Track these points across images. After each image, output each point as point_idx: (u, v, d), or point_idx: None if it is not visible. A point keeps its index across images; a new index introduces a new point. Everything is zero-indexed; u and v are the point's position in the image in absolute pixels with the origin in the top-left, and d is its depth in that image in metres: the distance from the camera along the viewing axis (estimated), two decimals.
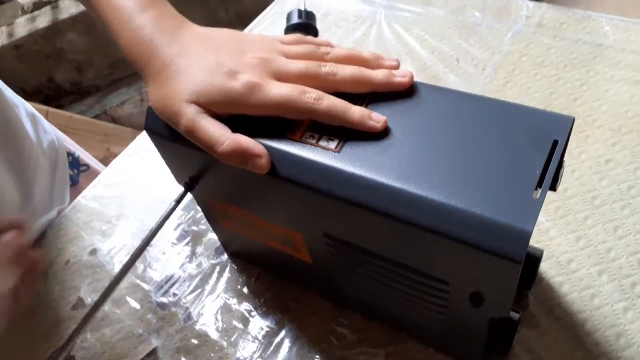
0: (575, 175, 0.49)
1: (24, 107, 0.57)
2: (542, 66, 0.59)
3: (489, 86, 0.58)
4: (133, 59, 0.35)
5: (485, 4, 0.67)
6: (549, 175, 0.28)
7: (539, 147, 0.29)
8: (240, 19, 1.81)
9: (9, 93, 0.55)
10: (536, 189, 0.27)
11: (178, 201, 0.40)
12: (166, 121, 0.34)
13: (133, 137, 0.67)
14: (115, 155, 0.63)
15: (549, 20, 0.64)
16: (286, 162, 0.32)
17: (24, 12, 1.58)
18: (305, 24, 0.66)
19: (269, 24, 0.73)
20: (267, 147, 0.32)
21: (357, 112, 0.32)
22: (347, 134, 0.32)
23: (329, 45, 0.37)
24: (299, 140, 0.33)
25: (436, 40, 0.64)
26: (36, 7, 1.60)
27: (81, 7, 1.56)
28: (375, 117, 0.32)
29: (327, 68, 0.34)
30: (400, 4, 0.70)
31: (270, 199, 0.36)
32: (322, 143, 0.32)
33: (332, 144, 0.32)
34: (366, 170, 0.30)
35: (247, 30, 0.73)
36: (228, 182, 0.38)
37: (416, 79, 0.34)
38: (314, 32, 0.67)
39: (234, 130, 0.32)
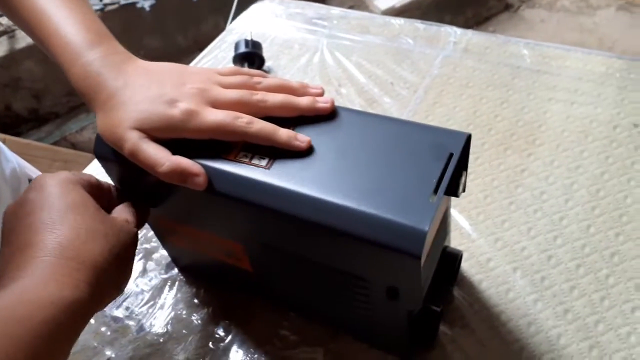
0: (495, 184, 0.55)
1: None
2: (467, 87, 0.65)
3: (419, 106, 0.64)
4: (82, 91, 0.39)
5: (417, 32, 0.74)
6: (444, 183, 0.33)
7: (438, 159, 0.34)
8: (197, 44, 1.86)
9: None
10: (433, 195, 0.32)
11: None
12: (112, 146, 0.37)
13: (92, 162, 0.69)
14: None
15: (474, 45, 0.70)
16: (222, 179, 0.36)
17: None
18: (252, 53, 0.70)
19: (218, 53, 0.77)
20: (204, 166, 0.36)
21: (284, 133, 0.36)
22: (277, 153, 0.36)
23: (262, 75, 0.42)
24: (234, 159, 0.37)
25: (373, 65, 0.70)
26: None
27: None
28: (300, 137, 0.36)
29: (259, 96, 0.38)
30: (341, 33, 0.76)
31: (211, 214, 0.40)
32: (254, 161, 0.36)
33: (263, 162, 0.36)
34: (292, 184, 0.34)
35: (199, 57, 0.77)
36: (172, 201, 0.41)
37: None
38: (260, 61, 0.71)
39: (175, 152, 0.36)
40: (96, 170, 0.64)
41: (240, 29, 0.81)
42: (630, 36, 1.97)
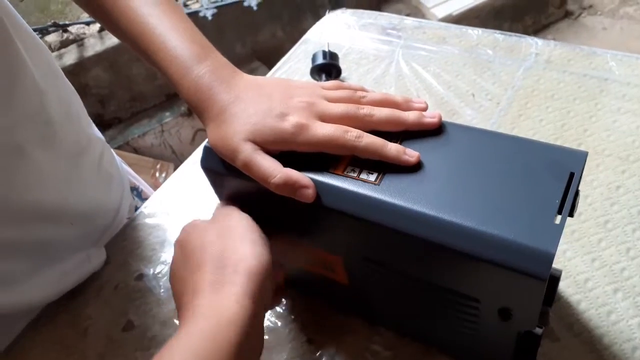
0: (588, 201, 0.53)
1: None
2: (552, 99, 0.63)
3: (504, 119, 0.62)
4: (194, 104, 0.40)
5: (496, 42, 0.72)
6: (568, 203, 0.32)
7: (558, 179, 0.33)
8: (256, 53, 1.89)
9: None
10: (556, 216, 0.31)
11: None
12: (224, 158, 0.38)
13: (154, 167, 0.71)
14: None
15: (557, 57, 0.69)
16: (330, 193, 0.36)
17: (51, 49, 1.66)
18: (329, 64, 0.71)
19: (293, 64, 0.78)
20: (313, 180, 0.36)
21: (393, 148, 0.36)
22: (385, 168, 0.36)
23: (363, 90, 0.42)
24: (342, 174, 0.37)
25: (452, 76, 0.69)
26: (63, 45, 1.68)
27: (105, 45, 1.64)
28: (409, 152, 0.36)
29: (365, 110, 0.38)
30: (417, 43, 0.75)
31: (315, 226, 0.40)
32: (363, 176, 0.36)
33: (372, 177, 0.36)
34: (404, 200, 0.34)
35: (273, 69, 0.78)
36: (276, 213, 0.42)
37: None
38: (337, 72, 0.72)
39: (285, 165, 0.37)
40: (176, 185, 0.66)
41: (313, 39, 0.82)
42: None
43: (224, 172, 0.40)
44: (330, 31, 0.82)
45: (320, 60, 0.71)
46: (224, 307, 0.32)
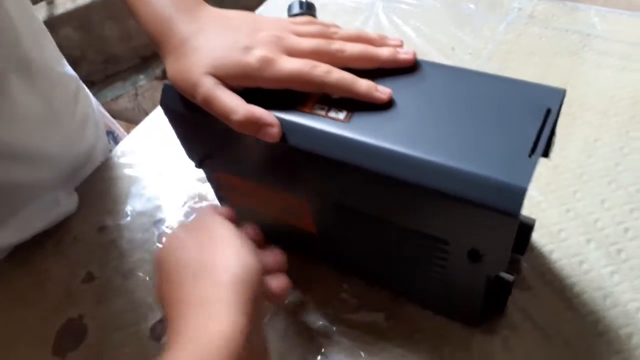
0: (564, 153, 0.52)
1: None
2: (533, 54, 0.62)
3: None
4: (152, 35, 0.37)
5: None
6: (543, 140, 0.30)
7: (534, 116, 0.32)
8: None
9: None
10: (531, 153, 0.30)
11: None
12: (183, 93, 0.36)
13: (128, 131, 0.69)
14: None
15: (540, 12, 0.67)
16: (297, 131, 0.34)
17: None
18: (306, 15, 0.68)
19: (270, 14, 0.75)
20: (278, 118, 0.34)
21: (364, 84, 0.34)
22: (355, 106, 0.34)
23: (336, 26, 0.40)
24: (309, 112, 0.35)
25: (432, 30, 0.67)
26: (32, 2, 1.61)
27: (77, 3, 1.57)
28: (381, 89, 0.34)
29: (337, 45, 0.36)
30: None
31: (280, 169, 0.38)
32: (331, 114, 0.34)
33: (341, 115, 0.34)
34: (373, 138, 0.32)
35: None
36: (240, 154, 0.40)
37: None
38: None
39: (248, 102, 0.35)
40: (142, 136, 0.64)
41: None
42: None
43: (183, 110, 0.38)
44: None
45: (296, 10, 0.68)
46: (212, 326, 0.29)
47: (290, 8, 0.69)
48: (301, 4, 0.69)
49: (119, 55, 1.70)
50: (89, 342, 0.46)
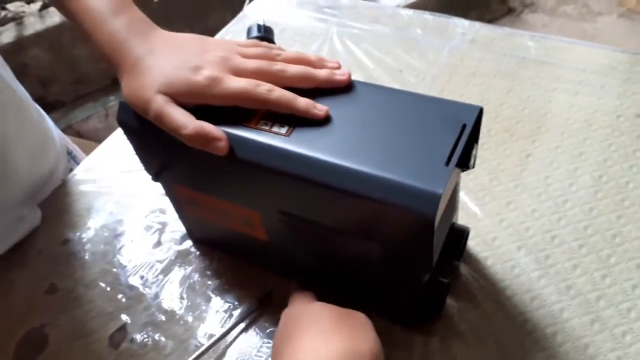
0: (501, 167, 0.56)
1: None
2: (474, 76, 0.67)
3: (427, 94, 0.65)
4: (109, 57, 0.40)
5: (426, 23, 0.75)
6: (457, 152, 0.34)
7: (451, 130, 0.35)
8: None
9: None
10: (447, 163, 0.34)
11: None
12: (137, 110, 0.39)
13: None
14: None
15: (481, 37, 0.72)
16: (243, 145, 0.37)
17: None
18: (264, 38, 0.71)
19: (231, 38, 0.78)
20: (226, 132, 0.37)
21: (303, 101, 0.38)
22: (296, 121, 0.38)
23: (280, 49, 0.43)
24: (254, 127, 0.38)
25: (382, 53, 0.71)
26: (1, 22, 1.62)
27: (46, 24, 1.59)
28: (319, 106, 0.38)
29: (278, 66, 0.40)
30: (351, 21, 0.77)
31: (230, 180, 0.41)
32: (274, 129, 0.38)
33: (283, 130, 0.38)
34: (311, 150, 0.36)
35: None
36: (192, 167, 0.43)
37: None
38: None
39: (198, 118, 0.38)
40: (104, 154, 0.66)
41: (252, 16, 0.83)
42: (631, 43, 1.99)
43: (137, 126, 0.40)
44: (268, 8, 0.83)
45: (255, 33, 0.72)
46: None
47: (249, 31, 0.73)
48: (259, 27, 0.72)
49: (89, 75, 1.71)
50: (49, 352, 0.48)
